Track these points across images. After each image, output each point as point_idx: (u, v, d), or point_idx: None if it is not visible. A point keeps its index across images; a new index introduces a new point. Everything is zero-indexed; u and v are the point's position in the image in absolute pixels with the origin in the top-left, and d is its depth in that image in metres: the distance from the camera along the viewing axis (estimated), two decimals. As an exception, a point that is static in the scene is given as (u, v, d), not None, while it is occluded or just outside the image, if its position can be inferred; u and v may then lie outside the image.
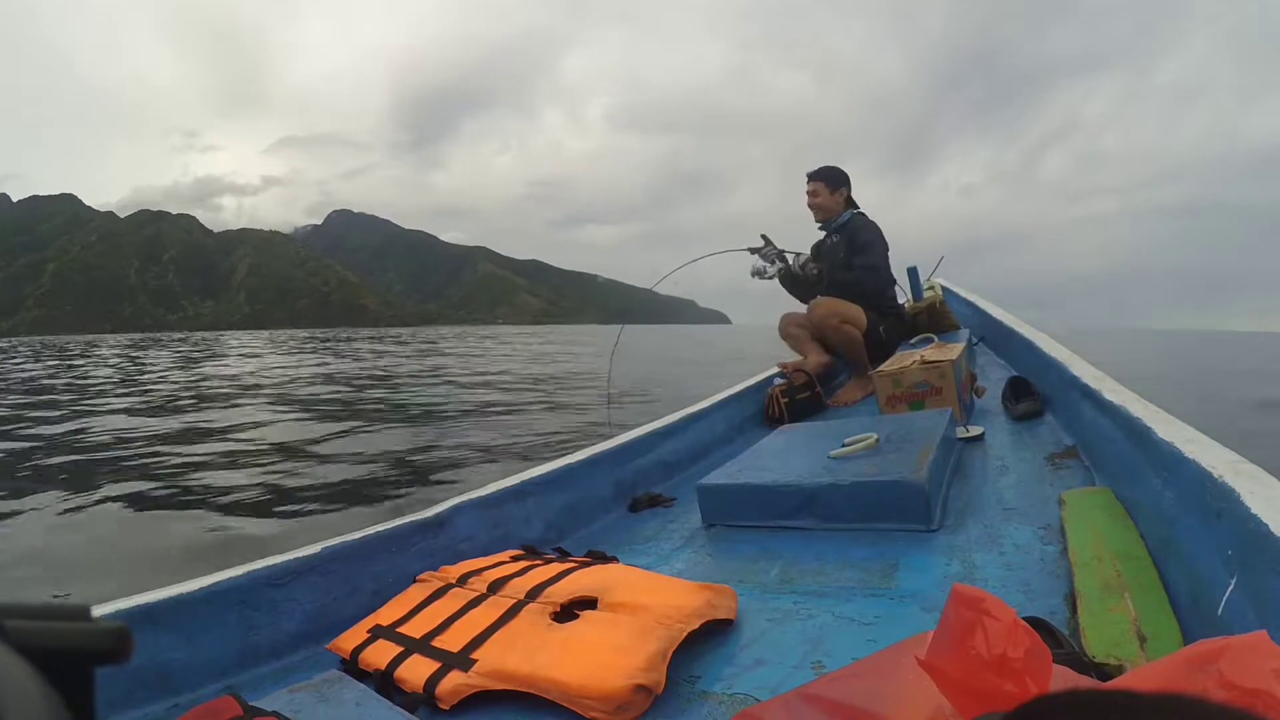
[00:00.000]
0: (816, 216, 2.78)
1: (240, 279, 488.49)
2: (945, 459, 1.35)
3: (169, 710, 0.80)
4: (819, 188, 2.72)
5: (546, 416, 5.87)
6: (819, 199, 2.72)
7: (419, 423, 5.69)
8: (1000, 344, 2.85)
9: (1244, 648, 0.31)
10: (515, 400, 7.14)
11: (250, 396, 7.89)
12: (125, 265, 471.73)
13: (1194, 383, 9.22)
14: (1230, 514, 0.67)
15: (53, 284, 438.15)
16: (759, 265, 2.83)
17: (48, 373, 12.51)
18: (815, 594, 0.95)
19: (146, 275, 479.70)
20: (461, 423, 5.59)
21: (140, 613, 0.81)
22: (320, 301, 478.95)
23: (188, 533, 2.63)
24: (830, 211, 2.73)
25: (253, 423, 5.69)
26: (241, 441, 4.76)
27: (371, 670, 0.83)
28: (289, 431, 5.20)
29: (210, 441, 4.75)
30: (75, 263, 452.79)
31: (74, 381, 10.35)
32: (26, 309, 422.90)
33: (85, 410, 6.56)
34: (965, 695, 0.37)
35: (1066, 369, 1.70)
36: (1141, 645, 0.67)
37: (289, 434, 5.06)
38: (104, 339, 68.23)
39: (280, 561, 0.95)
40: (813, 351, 2.71)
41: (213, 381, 10.17)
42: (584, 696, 0.69)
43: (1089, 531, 0.96)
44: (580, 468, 1.50)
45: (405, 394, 8.10)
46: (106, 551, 2.48)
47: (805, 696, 0.49)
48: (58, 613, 0.16)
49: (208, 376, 11.22)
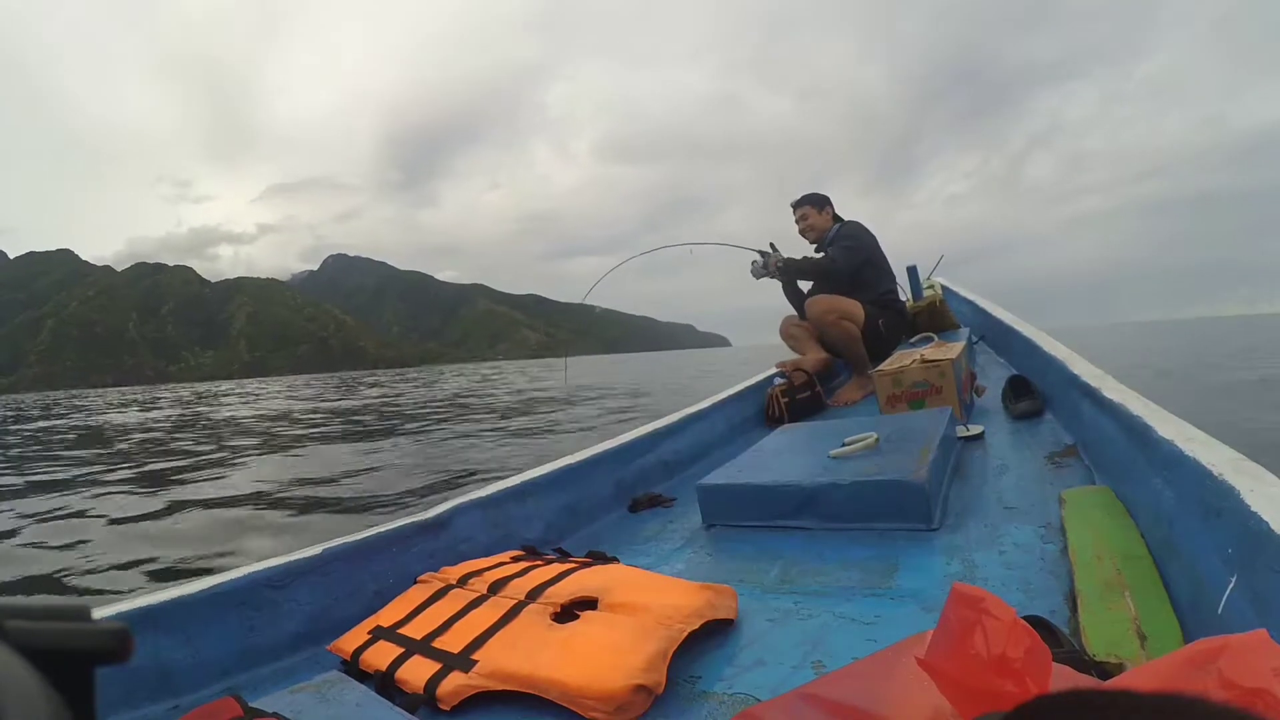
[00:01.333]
0: (810, 238, 2.89)
1: (239, 327, 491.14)
2: (945, 458, 1.35)
3: (170, 711, 0.80)
4: (808, 211, 2.86)
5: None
6: (810, 220, 2.85)
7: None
8: (1000, 343, 2.85)
9: (1244, 647, 0.31)
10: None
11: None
12: (124, 318, 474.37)
13: (1196, 368, 9.23)
14: (1230, 512, 0.67)
15: (52, 340, 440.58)
16: (759, 261, 2.85)
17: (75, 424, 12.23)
18: (815, 594, 0.95)
19: (146, 328, 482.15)
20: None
21: (141, 614, 0.81)
22: (320, 346, 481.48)
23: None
24: (822, 230, 2.86)
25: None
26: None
27: (372, 671, 0.83)
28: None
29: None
30: (74, 318, 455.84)
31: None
32: (27, 365, 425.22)
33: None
34: (965, 695, 0.37)
35: (1066, 368, 1.70)
36: (1142, 644, 0.67)
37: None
38: (106, 392, 68.24)
39: (281, 563, 0.95)
40: (812, 351, 2.72)
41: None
42: (584, 697, 0.69)
43: (1089, 530, 0.96)
44: (580, 468, 1.50)
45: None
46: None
47: (805, 696, 0.49)
48: (58, 613, 0.16)
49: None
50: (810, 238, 2.87)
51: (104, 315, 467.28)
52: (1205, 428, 0.92)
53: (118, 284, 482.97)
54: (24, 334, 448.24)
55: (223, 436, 8.03)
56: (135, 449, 7.12)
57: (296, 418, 10.36)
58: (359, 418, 9.65)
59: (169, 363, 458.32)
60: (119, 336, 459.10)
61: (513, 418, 7.91)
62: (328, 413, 11.19)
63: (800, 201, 2.88)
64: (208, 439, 7.75)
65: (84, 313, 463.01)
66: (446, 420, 8.06)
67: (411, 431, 7.00)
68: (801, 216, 2.86)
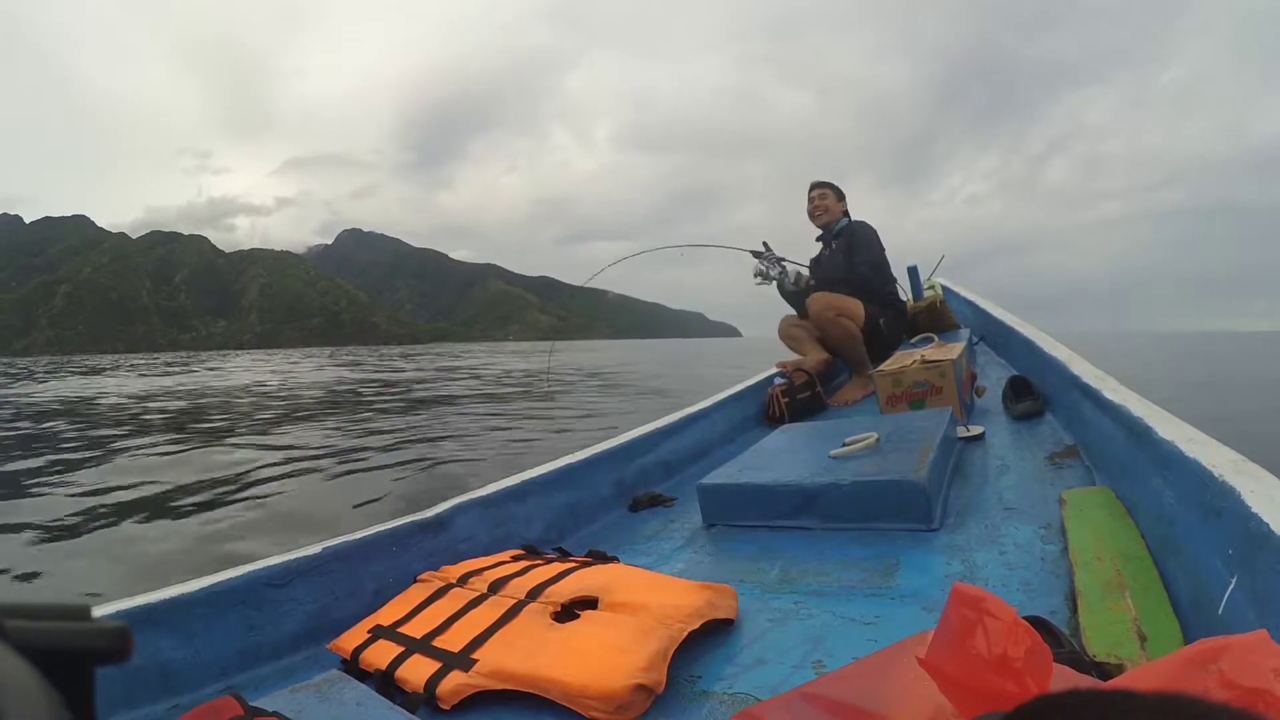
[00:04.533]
0: (818, 221, 2.90)
1: (252, 299, 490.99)
2: (946, 458, 1.35)
3: (170, 710, 0.80)
4: (827, 194, 2.87)
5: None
6: (826, 204, 2.87)
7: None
8: (1000, 343, 2.85)
9: (1244, 647, 0.31)
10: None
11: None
12: (137, 286, 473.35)
13: (1221, 387, 9.13)
14: (1231, 513, 0.67)
15: (65, 305, 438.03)
16: (760, 268, 2.96)
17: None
18: (816, 594, 0.95)
19: (159, 295, 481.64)
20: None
21: (141, 613, 0.81)
22: (331, 320, 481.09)
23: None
24: (834, 216, 2.87)
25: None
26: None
27: (372, 670, 0.83)
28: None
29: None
30: (88, 284, 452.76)
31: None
32: (40, 329, 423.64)
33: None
34: (966, 695, 0.37)
35: (1067, 368, 1.70)
36: (1142, 644, 0.67)
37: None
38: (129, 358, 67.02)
39: (281, 561, 0.95)
40: (813, 351, 2.72)
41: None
42: (585, 696, 0.69)
43: (1089, 531, 0.96)
44: (581, 467, 1.50)
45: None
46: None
47: (806, 696, 0.49)
48: (58, 613, 0.16)
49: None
50: (818, 220, 2.89)
51: (117, 282, 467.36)
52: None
53: (132, 251, 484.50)
54: (38, 298, 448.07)
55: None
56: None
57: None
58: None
59: (181, 331, 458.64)
60: (132, 303, 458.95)
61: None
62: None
63: (821, 183, 2.90)
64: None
65: (97, 279, 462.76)
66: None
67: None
68: (820, 197, 2.87)
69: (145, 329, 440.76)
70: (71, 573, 2.30)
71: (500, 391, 9.55)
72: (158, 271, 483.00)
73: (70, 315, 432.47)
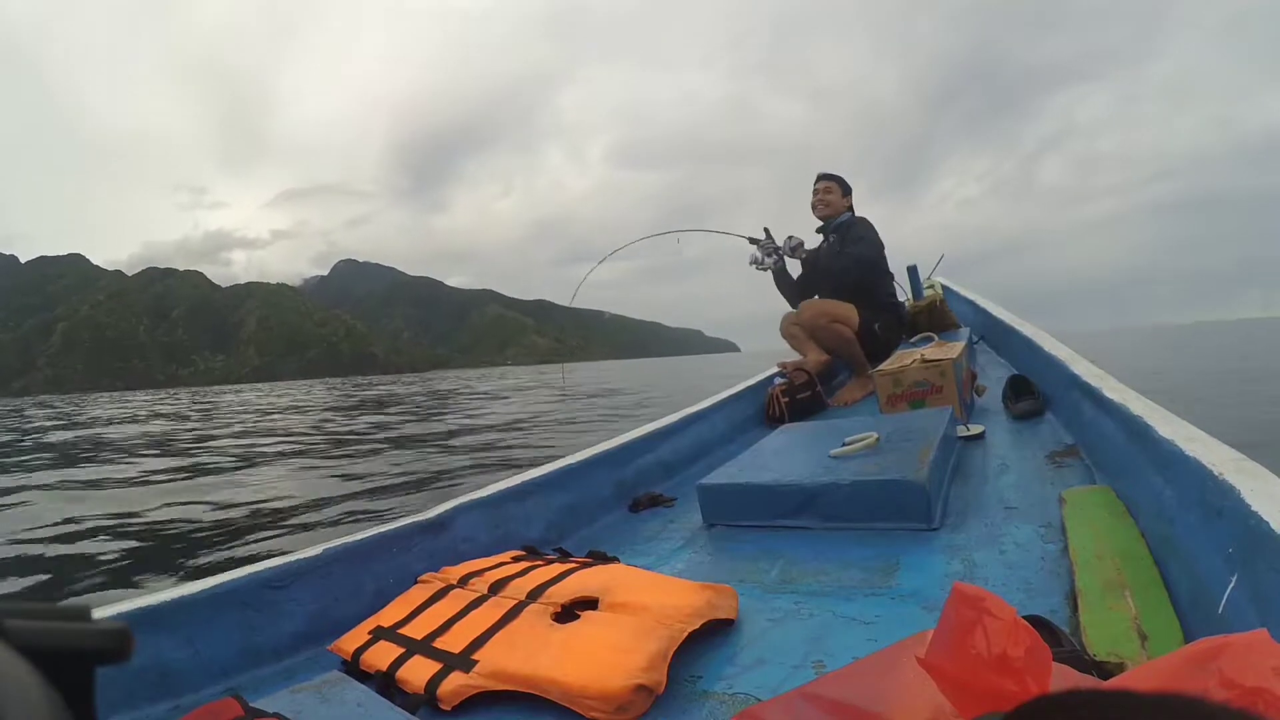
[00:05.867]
0: (820, 213, 2.83)
1: (250, 332, 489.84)
2: (946, 458, 1.35)
3: (170, 711, 0.80)
4: (832, 186, 2.81)
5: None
6: (830, 198, 2.80)
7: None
8: (1000, 343, 2.85)
9: (1244, 646, 0.31)
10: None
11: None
12: (134, 323, 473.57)
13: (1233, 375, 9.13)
14: (1231, 512, 0.67)
15: (63, 343, 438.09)
16: (756, 255, 2.90)
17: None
18: (816, 593, 0.95)
19: (156, 332, 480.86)
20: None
21: (142, 614, 0.81)
22: (330, 352, 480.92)
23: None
24: (836, 212, 2.81)
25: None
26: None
27: (373, 671, 0.83)
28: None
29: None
30: (85, 322, 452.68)
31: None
32: (38, 369, 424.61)
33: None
34: (966, 694, 0.37)
35: (1067, 367, 1.70)
36: (1142, 644, 0.67)
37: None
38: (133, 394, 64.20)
39: (282, 563, 0.95)
40: (813, 350, 2.71)
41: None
42: (585, 697, 0.69)
43: (1089, 530, 0.96)
44: (581, 468, 1.50)
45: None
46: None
47: (806, 696, 0.49)
48: (58, 613, 0.16)
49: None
50: (820, 213, 2.83)
51: (114, 319, 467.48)
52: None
53: (128, 288, 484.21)
54: (35, 338, 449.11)
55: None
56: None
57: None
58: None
59: (179, 366, 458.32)
60: (129, 340, 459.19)
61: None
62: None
63: (828, 175, 2.83)
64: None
65: (94, 316, 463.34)
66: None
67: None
68: (825, 189, 2.80)
69: (143, 366, 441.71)
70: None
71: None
72: (155, 308, 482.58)
73: (68, 354, 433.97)
